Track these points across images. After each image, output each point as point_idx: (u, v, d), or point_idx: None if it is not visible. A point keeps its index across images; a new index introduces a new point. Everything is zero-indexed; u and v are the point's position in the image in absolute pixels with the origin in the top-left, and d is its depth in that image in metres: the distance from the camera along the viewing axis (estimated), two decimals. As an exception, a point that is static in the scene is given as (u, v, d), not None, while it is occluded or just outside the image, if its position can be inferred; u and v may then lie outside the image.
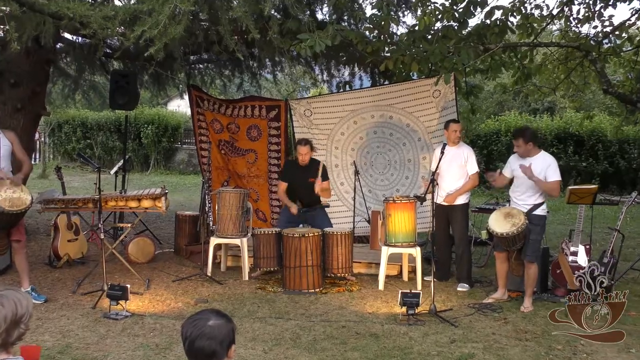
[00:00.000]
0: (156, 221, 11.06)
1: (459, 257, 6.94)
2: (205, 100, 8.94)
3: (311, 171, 7.24)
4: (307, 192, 7.23)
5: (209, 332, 2.31)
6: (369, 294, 6.51)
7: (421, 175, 8.33)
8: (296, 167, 7.31)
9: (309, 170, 7.23)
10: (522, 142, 6.01)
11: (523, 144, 6.00)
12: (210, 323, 2.33)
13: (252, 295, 6.36)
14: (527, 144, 5.99)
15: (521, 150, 6.03)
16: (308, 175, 7.21)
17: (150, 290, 6.45)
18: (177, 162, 22.89)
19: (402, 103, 8.36)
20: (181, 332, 2.37)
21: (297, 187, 7.28)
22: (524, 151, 6.03)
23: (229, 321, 2.39)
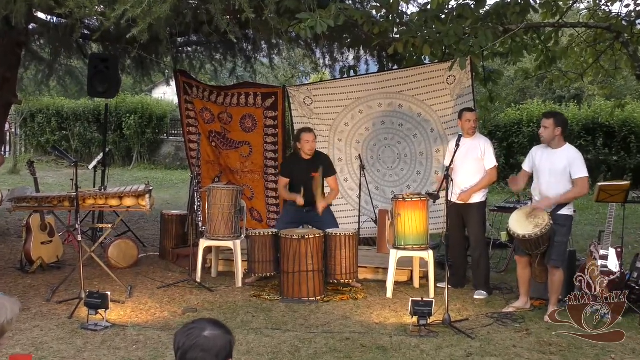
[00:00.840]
0: (139, 221, 11.04)
1: (475, 262, 6.94)
2: (194, 87, 8.94)
3: (315, 165, 7.24)
4: (310, 188, 7.23)
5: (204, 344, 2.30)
6: (376, 302, 6.51)
7: (434, 171, 8.32)
8: (298, 161, 7.32)
9: (312, 164, 7.24)
10: (552, 123, 5.99)
11: (553, 125, 5.98)
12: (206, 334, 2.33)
13: (246, 303, 6.36)
14: (556, 127, 5.98)
15: (547, 134, 6.01)
16: (312, 169, 7.22)
17: (133, 298, 6.44)
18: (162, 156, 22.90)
19: (413, 90, 8.34)
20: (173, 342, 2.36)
21: (299, 184, 7.27)
22: (549, 135, 6.01)
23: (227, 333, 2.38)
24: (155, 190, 9.12)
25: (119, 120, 21.93)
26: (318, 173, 7.24)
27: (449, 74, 8.00)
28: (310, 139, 7.20)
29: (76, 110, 22.67)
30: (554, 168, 6.00)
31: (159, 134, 23.09)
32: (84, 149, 22.47)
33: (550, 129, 6.01)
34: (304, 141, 7.21)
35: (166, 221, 8.48)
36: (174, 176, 19.65)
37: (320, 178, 7.22)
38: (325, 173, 7.31)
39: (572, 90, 22.95)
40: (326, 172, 7.33)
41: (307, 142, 7.20)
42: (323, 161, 7.38)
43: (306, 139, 7.20)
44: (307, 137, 7.21)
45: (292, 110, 8.79)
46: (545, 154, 6.12)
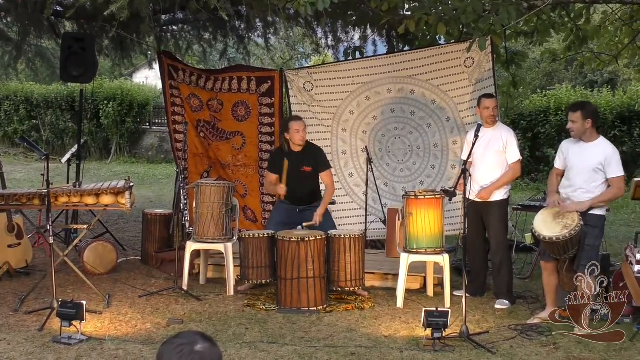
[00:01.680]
0: (119, 222, 11.04)
1: (496, 267, 6.93)
2: (180, 71, 8.93)
3: (307, 158, 7.25)
4: (302, 184, 7.25)
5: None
6: (384, 312, 6.50)
7: (451, 165, 8.33)
8: (287, 155, 7.31)
9: (303, 158, 7.25)
10: (580, 117, 5.98)
11: (581, 118, 5.98)
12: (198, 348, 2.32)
13: (238, 314, 6.35)
14: (585, 120, 5.97)
15: (577, 128, 6.01)
16: (302, 162, 7.22)
17: (112, 308, 6.44)
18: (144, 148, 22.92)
19: (427, 74, 8.33)
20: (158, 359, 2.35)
21: (289, 179, 7.26)
22: (579, 130, 6.00)
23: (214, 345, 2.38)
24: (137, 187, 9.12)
25: (96, 108, 21.92)
26: (310, 167, 7.25)
27: (466, 56, 7.99)
28: (301, 128, 7.20)
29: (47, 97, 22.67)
30: (586, 164, 5.99)
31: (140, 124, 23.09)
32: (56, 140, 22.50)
33: (578, 123, 6.00)
34: (294, 131, 7.20)
35: (149, 221, 8.47)
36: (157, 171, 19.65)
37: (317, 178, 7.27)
38: (318, 167, 7.32)
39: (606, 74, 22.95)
40: (319, 166, 7.34)
41: (296, 131, 7.18)
42: (315, 153, 7.38)
43: (295, 128, 7.19)
44: (297, 126, 7.20)
45: (290, 96, 8.78)
46: (577, 148, 6.11)
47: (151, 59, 12.05)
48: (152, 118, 23.77)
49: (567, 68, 22.69)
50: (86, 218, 9.63)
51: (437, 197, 6.74)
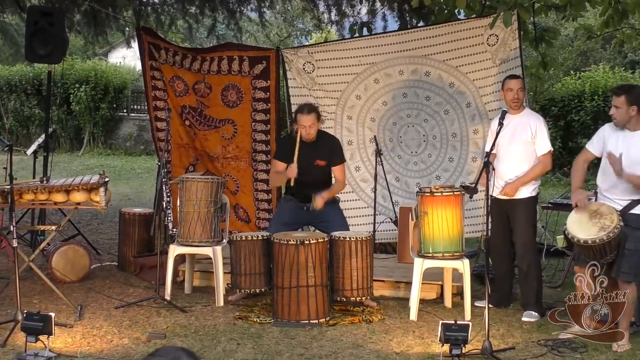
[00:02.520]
0: (92, 222, 11.05)
1: (523, 274, 6.92)
2: (162, 50, 8.93)
3: (321, 151, 7.24)
4: (314, 179, 7.22)
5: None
6: (396, 326, 6.50)
7: (471, 157, 8.34)
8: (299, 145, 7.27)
9: (316, 150, 7.23)
10: (624, 102, 5.96)
11: (625, 104, 5.95)
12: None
13: (229, 327, 6.35)
14: (630, 106, 5.95)
15: (620, 115, 5.98)
16: (314, 156, 7.21)
17: (84, 320, 6.43)
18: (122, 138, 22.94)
19: (444, 54, 8.33)
20: None
21: (298, 173, 7.21)
22: (622, 117, 5.98)
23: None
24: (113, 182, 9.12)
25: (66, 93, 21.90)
26: (325, 161, 7.24)
27: (489, 33, 7.99)
28: (308, 123, 7.10)
29: (10, 80, 22.67)
30: (631, 155, 5.96)
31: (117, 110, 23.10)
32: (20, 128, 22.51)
33: (622, 109, 5.98)
34: (300, 126, 7.15)
35: (126, 222, 8.49)
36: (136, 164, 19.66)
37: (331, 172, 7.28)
38: (331, 161, 7.31)
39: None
40: (333, 160, 7.33)
41: (303, 127, 7.12)
42: (330, 145, 7.38)
43: (302, 124, 7.12)
44: (304, 121, 7.10)
45: (288, 79, 8.78)
46: (621, 136, 6.08)
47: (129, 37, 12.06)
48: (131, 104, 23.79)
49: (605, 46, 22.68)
50: (55, 218, 9.63)
51: (455, 194, 6.73)
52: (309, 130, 7.13)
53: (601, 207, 6.01)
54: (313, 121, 7.13)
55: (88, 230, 10.08)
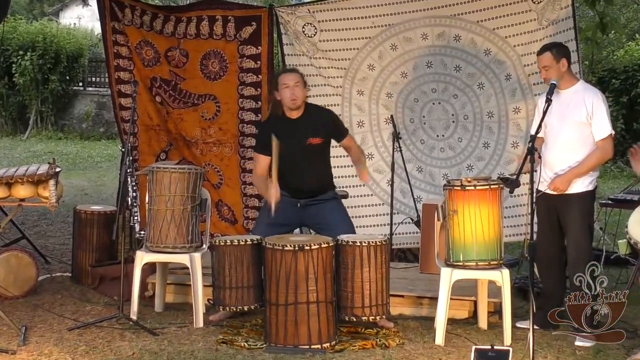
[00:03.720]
0: (40, 223, 11.07)
1: (577, 287, 6.86)
2: (127, 8, 8.93)
3: (312, 126, 7.17)
4: (305, 166, 7.20)
5: None
6: (418, 352, 6.47)
7: (512, 142, 8.37)
8: (281, 123, 7.24)
9: (305, 126, 7.17)
10: None
11: None
12: None
13: (210, 354, 6.33)
14: None
15: None
16: (305, 134, 7.15)
17: (30, 345, 6.41)
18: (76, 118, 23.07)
19: (478, 13, 8.37)
20: None
21: (286, 160, 7.16)
22: None
23: None
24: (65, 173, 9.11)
25: (7, 61, 22.04)
26: (320, 138, 7.17)
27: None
28: (291, 82, 7.05)
29: (-60, 47, 22.81)
30: None
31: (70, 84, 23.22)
32: (-48, 108, 22.64)
33: None
34: (282, 86, 7.08)
35: (83, 223, 8.50)
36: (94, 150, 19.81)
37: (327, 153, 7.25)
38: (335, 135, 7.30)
39: None
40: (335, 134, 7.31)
41: (285, 86, 7.05)
42: (323, 117, 7.33)
43: (284, 82, 7.06)
44: (286, 79, 7.07)
45: (283, 45, 8.83)
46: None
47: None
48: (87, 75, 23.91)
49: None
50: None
51: (492, 187, 6.70)
52: (294, 91, 7.04)
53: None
54: (297, 79, 7.10)
55: (34, 233, 10.14)
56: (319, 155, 7.26)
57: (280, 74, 7.30)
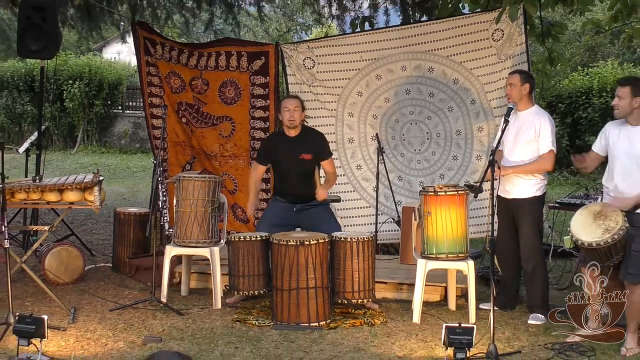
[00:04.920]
0: (86, 222, 11.05)
1: (529, 276, 6.92)
2: (158, 45, 8.93)
3: (306, 144, 7.24)
4: (298, 177, 7.24)
5: None
6: (398, 329, 6.49)
7: (476, 155, 8.34)
8: (281, 140, 7.33)
9: (299, 144, 7.24)
10: (628, 93, 5.97)
11: (629, 95, 5.96)
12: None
13: (226, 330, 6.35)
14: (634, 98, 5.95)
15: (622, 106, 5.98)
16: (298, 150, 7.21)
17: (78, 323, 6.42)
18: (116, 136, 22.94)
19: (448, 49, 8.34)
20: None
21: (283, 171, 7.29)
22: (624, 108, 5.98)
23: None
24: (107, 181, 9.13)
25: (59, 89, 21.91)
26: (310, 155, 7.23)
27: (495, 28, 7.99)
28: (291, 106, 7.17)
29: (2, 76, 22.67)
30: (633, 151, 5.97)
31: (111, 107, 23.11)
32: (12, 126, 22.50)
33: (626, 100, 5.98)
34: (283, 109, 7.22)
35: (121, 222, 8.49)
36: (131, 162, 19.65)
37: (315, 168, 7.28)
38: (320, 155, 7.32)
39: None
40: (321, 154, 7.34)
41: (286, 109, 7.17)
42: (316, 139, 7.38)
43: (286, 106, 7.19)
44: (287, 104, 7.20)
45: (287, 75, 8.79)
46: (623, 132, 6.09)
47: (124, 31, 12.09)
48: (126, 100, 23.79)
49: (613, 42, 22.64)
50: (48, 218, 9.63)
51: (460, 193, 6.73)
52: (293, 114, 7.16)
53: (605, 208, 5.99)
54: (297, 104, 7.19)
55: (82, 231, 10.08)
56: (309, 167, 7.29)
57: (284, 99, 7.41)
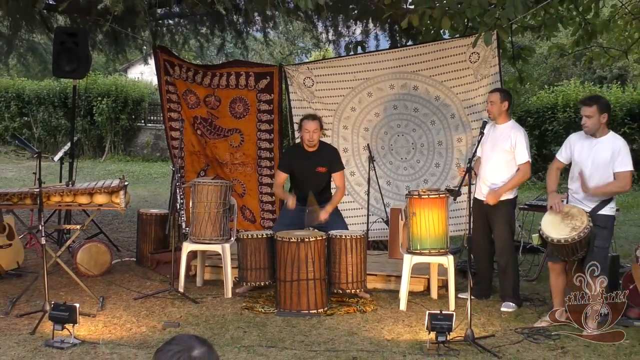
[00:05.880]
0: (113, 222, 11.06)
1: (502, 269, 6.93)
2: (176, 66, 8.92)
3: (322, 159, 7.25)
4: (315, 185, 7.25)
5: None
6: (387, 315, 6.50)
7: (455, 163, 8.34)
8: (300, 153, 7.32)
9: (317, 158, 7.25)
10: (595, 111, 5.97)
11: (597, 112, 5.97)
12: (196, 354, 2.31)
13: (236, 317, 6.36)
14: (601, 114, 5.97)
15: (592, 123, 5.98)
16: (316, 163, 7.22)
17: (106, 310, 6.44)
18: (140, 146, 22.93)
19: (430, 70, 8.34)
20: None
21: (300, 180, 7.30)
22: (594, 125, 5.98)
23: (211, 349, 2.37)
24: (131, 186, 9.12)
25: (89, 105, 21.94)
26: (325, 168, 7.25)
27: (472, 51, 7.98)
28: (311, 128, 7.14)
29: (39, 93, 22.67)
30: (598, 160, 5.98)
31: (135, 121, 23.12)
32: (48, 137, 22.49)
33: (595, 118, 5.98)
34: (304, 130, 7.19)
35: (144, 222, 8.49)
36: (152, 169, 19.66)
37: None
38: (332, 167, 7.32)
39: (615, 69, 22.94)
40: (333, 167, 7.33)
41: (306, 131, 7.16)
42: (330, 154, 7.39)
43: (306, 128, 7.16)
44: (308, 126, 7.16)
45: (289, 92, 8.79)
46: (587, 143, 6.10)
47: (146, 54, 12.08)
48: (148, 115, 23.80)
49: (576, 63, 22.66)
50: (79, 218, 9.64)
51: (441, 196, 6.74)
52: (312, 135, 7.15)
53: (572, 209, 6.02)
54: (316, 127, 7.16)
55: (109, 229, 10.09)
56: (323, 178, 7.31)
57: (305, 119, 7.27)
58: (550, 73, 23.79)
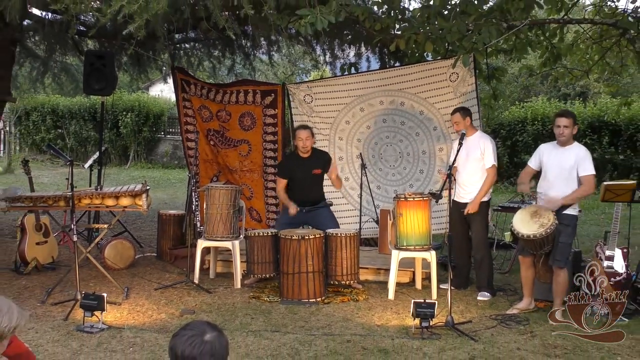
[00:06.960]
0: (136, 221, 11.05)
1: (478, 262, 6.94)
2: (191, 85, 8.94)
3: (316, 162, 7.27)
4: (310, 187, 7.27)
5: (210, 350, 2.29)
6: (377, 304, 6.51)
7: (437, 170, 8.32)
8: (296, 160, 7.34)
9: (312, 162, 7.26)
10: (571, 122, 6.05)
11: (572, 125, 6.04)
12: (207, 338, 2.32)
13: (244, 305, 6.36)
14: (574, 126, 6.07)
15: (568, 133, 6.03)
16: (311, 167, 7.24)
17: (130, 299, 6.45)
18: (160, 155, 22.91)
19: (415, 88, 8.34)
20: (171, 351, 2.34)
21: (298, 183, 7.31)
22: (569, 135, 6.05)
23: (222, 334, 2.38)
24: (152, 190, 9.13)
25: (116, 118, 21.95)
26: (320, 170, 7.27)
27: (451, 71, 7.98)
28: (304, 136, 7.20)
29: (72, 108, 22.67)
30: (563, 166, 6.02)
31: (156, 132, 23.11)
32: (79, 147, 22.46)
33: (570, 129, 6.04)
34: (298, 139, 7.26)
35: (163, 221, 8.50)
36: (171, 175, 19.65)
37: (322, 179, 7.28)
38: (325, 168, 7.36)
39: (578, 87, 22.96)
40: (326, 168, 7.37)
41: (300, 139, 7.23)
42: (322, 157, 7.41)
43: (300, 137, 7.23)
44: (301, 135, 7.22)
45: (292, 108, 8.79)
46: (554, 152, 6.13)
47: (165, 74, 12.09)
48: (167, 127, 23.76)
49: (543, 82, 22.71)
50: (107, 218, 9.63)
51: (424, 199, 6.76)
52: (306, 142, 7.21)
53: (540, 208, 6.05)
54: (308, 135, 7.24)
55: (133, 228, 10.08)
56: (318, 180, 7.34)
57: (298, 129, 7.39)
58: (520, 91, 23.79)
